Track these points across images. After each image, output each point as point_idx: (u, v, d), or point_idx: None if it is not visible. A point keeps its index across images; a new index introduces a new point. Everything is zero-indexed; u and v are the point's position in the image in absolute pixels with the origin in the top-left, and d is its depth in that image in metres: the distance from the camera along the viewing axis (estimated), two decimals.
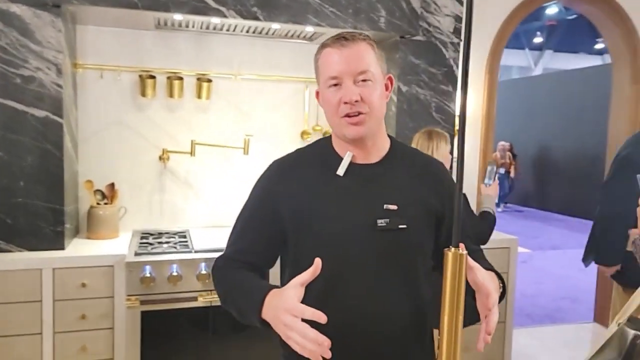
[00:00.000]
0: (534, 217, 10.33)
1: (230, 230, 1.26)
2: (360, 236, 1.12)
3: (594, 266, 2.82)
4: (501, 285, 1.13)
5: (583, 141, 10.06)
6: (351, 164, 1.16)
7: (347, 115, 1.11)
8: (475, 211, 2.59)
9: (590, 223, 2.77)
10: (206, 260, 2.39)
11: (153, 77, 2.82)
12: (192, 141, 2.87)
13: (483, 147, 3.60)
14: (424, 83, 3.22)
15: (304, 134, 3.12)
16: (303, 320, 0.94)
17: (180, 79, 2.86)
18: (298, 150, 1.27)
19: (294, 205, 1.15)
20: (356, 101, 1.10)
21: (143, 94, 2.81)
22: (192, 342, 2.40)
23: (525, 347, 3.68)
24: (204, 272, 2.37)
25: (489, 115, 3.59)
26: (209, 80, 2.90)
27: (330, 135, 1.23)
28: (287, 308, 0.95)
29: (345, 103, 1.10)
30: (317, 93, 1.20)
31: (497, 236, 2.95)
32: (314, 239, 1.14)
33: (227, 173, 3.03)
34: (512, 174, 10.62)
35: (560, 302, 4.88)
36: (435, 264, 1.21)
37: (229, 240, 1.24)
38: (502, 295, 1.11)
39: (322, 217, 1.13)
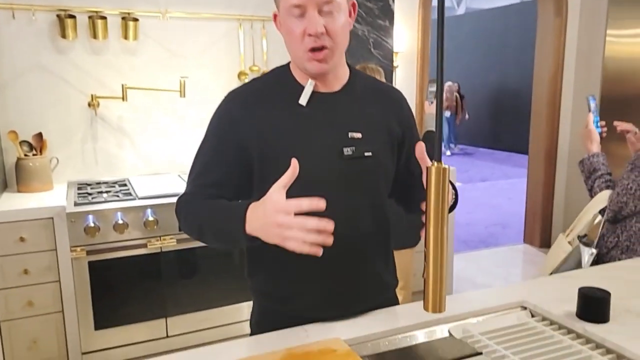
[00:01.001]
0: (463, 152, 10.82)
1: (172, 178, 1.20)
2: (327, 165, 1.12)
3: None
4: (454, 194, 1.16)
5: (506, 77, 10.51)
6: (313, 93, 1.14)
7: (312, 50, 1.08)
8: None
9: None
10: (152, 207, 2.32)
11: (72, 16, 2.60)
12: (122, 85, 2.71)
13: (419, 82, 3.66)
14: (361, 18, 3.20)
15: (241, 74, 3.03)
16: None
17: (103, 18, 2.66)
18: (254, 80, 1.22)
19: (257, 137, 1.12)
20: (321, 33, 1.06)
21: (63, 36, 2.60)
22: (145, 290, 2.37)
23: (463, 270, 3.93)
24: (150, 218, 2.31)
25: (424, 51, 3.63)
26: (135, 20, 2.72)
27: (287, 64, 1.20)
28: (279, 208, 0.93)
29: (310, 35, 1.06)
30: (275, 16, 1.14)
31: None
32: (280, 171, 1.12)
33: (163, 118, 2.91)
34: (459, 117, 10.44)
35: (492, 229, 5.22)
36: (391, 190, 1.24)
37: (189, 178, 1.19)
38: (454, 206, 1.15)
39: (287, 148, 1.11)
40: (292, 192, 1.09)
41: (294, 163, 0.96)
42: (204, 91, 2.95)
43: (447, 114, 10.23)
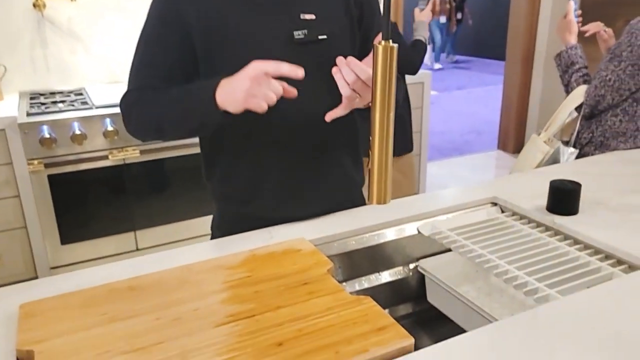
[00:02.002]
0: (441, 61, 10.61)
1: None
2: (277, 51, 1.02)
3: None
4: (405, 91, 1.08)
5: None
6: None
7: None
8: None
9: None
10: (111, 116, 2.19)
11: None
12: None
13: None
14: None
15: None
16: None
17: None
18: None
19: (199, 22, 1.01)
20: None
21: None
22: (110, 204, 2.30)
23: (435, 177, 3.95)
24: (110, 128, 2.19)
25: None
26: None
27: None
28: (258, 65, 0.89)
29: None
30: None
31: None
32: (228, 58, 1.02)
33: (118, 18, 2.68)
34: (453, 24, 9.43)
35: (467, 136, 5.22)
36: None
37: (132, 71, 1.08)
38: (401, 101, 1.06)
39: (234, 33, 1.01)
40: None
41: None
42: None
43: (442, 19, 9.39)
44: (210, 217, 1.24)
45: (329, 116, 0.99)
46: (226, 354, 0.67)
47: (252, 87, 0.89)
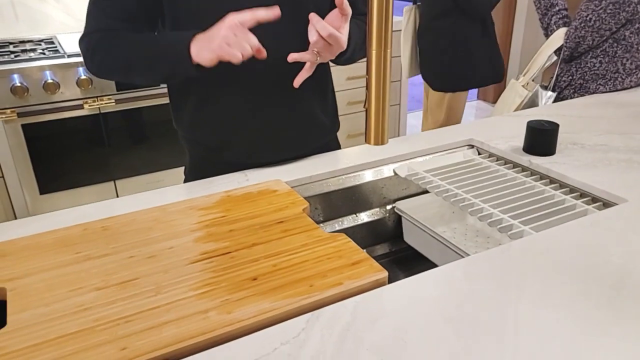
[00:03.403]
0: None
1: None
2: None
3: None
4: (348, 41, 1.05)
5: None
6: None
7: None
8: None
9: None
10: (84, 64, 2.12)
11: None
12: None
13: None
14: None
15: None
16: None
17: None
18: None
19: None
20: None
21: None
22: (88, 153, 2.26)
23: (415, 127, 3.95)
24: (83, 77, 2.12)
25: None
26: None
27: None
28: (234, 17, 0.88)
29: None
30: None
31: (397, 18, 2.89)
32: (194, 5, 0.98)
33: None
34: None
35: None
36: None
37: (91, 11, 1.02)
38: (345, 51, 1.02)
39: None
40: (210, 22, 0.96)
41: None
42: None
43: None
44: None
45: (297, 82, 0.98)
46: (201, 289, 0.67)
47: (228, 36, 0.87)
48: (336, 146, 1.25)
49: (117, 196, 2.33)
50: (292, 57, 0.96)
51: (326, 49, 0.94)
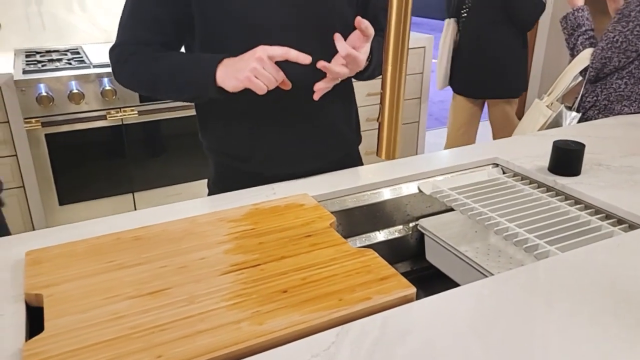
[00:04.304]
0: (440, 28, 10.45)
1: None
2: (275, 10, 1.00)
3: None
4: (369, 58, 1.07)
5: None
6: None
7: None
8: None
9: None
10: (109, 75, 2.16)
11: None
12: None
13: None
14: None
15: None
16: None
17: None
18: None
19: None
20: None
21: None
22: (109, 164, 2.29)
23: (434, 145, 3.95)
24: (108, 88, 2.16)
25: None
26: None
27: None
28: (266, 49, 0.92)
29: None
30: None
31: (412, 35, 2.91)
32: (224, 14, 1.01)
33: None
34: None
35: None
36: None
37: (122, 23, 1.05)
38: (367, 68, 1.06)
39: None
40: (239, 39, 0.99)
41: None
42: None
43: None
44: (207, 180, 1.24)
45: (316, 95, 1.00)
46: (232, 300, 0.68)
47: (256, 68, 0.90)
48: (358, 160, 1.26)
49: (135, 208, 2.35)
50: (317, 95, 1.00)
51: (343, 68, 0.97)
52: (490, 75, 2.51)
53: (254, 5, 1.00)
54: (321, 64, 0.96)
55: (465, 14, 2.52)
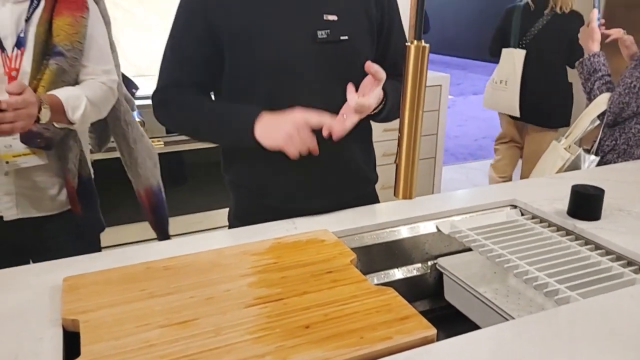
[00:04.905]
0: (456, 65, 10.59)
1: (157, 79, 1.15)
2: (300, 49, 1.06)
3: None
4: (383, 101, 1.11)
5: None
6: None
7: None
8: None
9: None
10: (138, 107, 2.24)
11: None
12: None
13: None
14: None
15: None
16: None
17: None
18: None
19: (226, 18, 1.06)
20: None
21: None
22: (132, 193, 2.34)
23: (450, 181, 3.97)
24: (137, 119, 2.23)
25: None
26: None
27: None
28: (303, 117, 0.98)
29: None
30: None
31: (428, 74, 2.96)
32: (253, 56, 1.07)
33: (146, 12, 2.74)
34: None
35: (482, 141, 5.22)
36: None
37: (163, 67, 1.14)
38: (381, 111, 1.10)
39: (260, 32, 1.06)
40: (264, 79, 1.04)
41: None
42: None
43: None
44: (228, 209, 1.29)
45: (336, 137, 1.02)
46: (257, 333, 0.70)
47: (292, 133, 0.97)
48: (375, 197, 1.29)
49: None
50: (336, 138, 1.02)
51: (353, 115, 1.03)
52: (558, 104, 2.78)
53: (282, 49, 1.05)
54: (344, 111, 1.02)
55: (525, 45, 2.77)
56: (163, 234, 1.60)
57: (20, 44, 1.19)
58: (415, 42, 0.76)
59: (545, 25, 2.70)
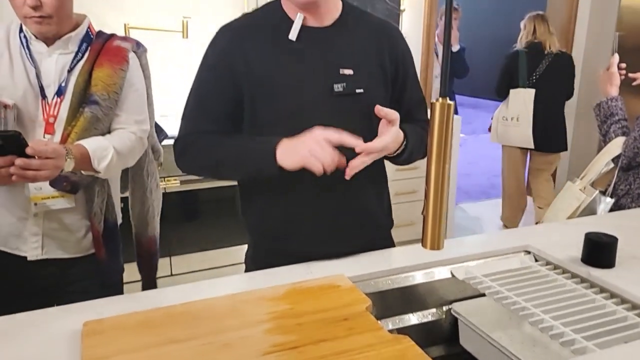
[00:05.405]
0: (467, 104, 10.68)
1: (173, 120, 1.19)
2: (317, 102, 1.11)
3: None
4: (404, 144, 1.14)
5: (514, 27, 10.17)
6: (304, 28, 1.12)
7: None
8: None
9: None
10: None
11: None
12: (125, 24, 2.63)
13: (426, 27, 3.54)
14: None
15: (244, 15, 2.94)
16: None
17: None
18: (246, 15, 1.20)
19: (247, 71, 1.11)
20: None
21: None
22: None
23: (463, 220, 3.95)
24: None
25: None
26: None
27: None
28: (325, 133, 1.00)
29: None
30: None
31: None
32: (272, 109, 1.12)
33: (165, 59, 2.83)
34: None
35: (494, 180, 5.20)
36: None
37: (185, 114, 1.18)
38: (403, 152, 1.13)
39: (279, 84, 1.11)
40: (282, 128, 1.08)
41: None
42: (205, 32, 2.85)
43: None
44: (242, 247, 1.30)
45: (348, 174, 1.04)
46: None
47: (314, 148, 0.99)
48: (390, 241, 1.30)
49: (171, 272, 2.41)
50: (348, 174, 1.05)
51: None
52: (560, 132, 3.31)
53: (299, 100, 1.10)
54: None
55: (532, 84, 3.20)
56: (150, 283, 1.60)
57: (60, 92, 1.24)
58: (441, 99, 0.79)
59: (548, 66, 3.17)
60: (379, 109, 1.03)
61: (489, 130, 3.65)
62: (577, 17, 3.98)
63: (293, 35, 1.11)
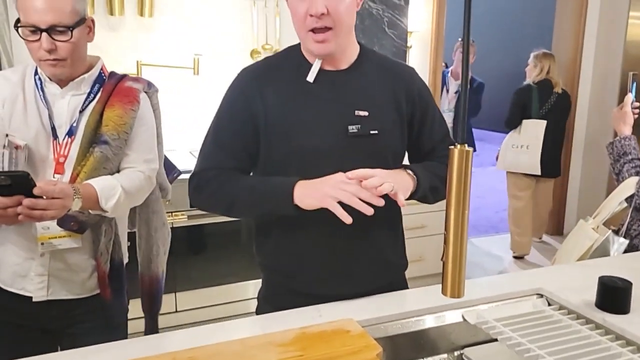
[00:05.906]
0: (475, 137, 10.70)
1: (182, 154, 1.21)
2: (332, 142, 1.13)
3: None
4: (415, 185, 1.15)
5: (521, 61, 10.27)
6: (322, 71, 1.15)
7: (313, 30, 1.08)
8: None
9: None
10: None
11: None
12: (137, 62, 2.69)
13: (432, 63, 3.59)
14: None
15: (253, 53, 3.00)
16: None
17: None
18: (267, 59, 1.25)
19: (265, 112, 1.14)
20: (322, 14, 1.06)
21: None
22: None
23: (472, 255, 3.91)
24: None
25: (438, 31, 3.53)
26: None
27: (299, 43, 1.19)
28: (345, 176, 1.03)
29: (311, 16, 1.06)
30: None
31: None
32: (287, 149, 1.14)
33: (177, 95, 2.88)
34: None
35: (503, 214, 5.16)
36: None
37: (203, 152, 1.20)
38: (415, 193, 1.16)
39: (295, 127, 1.13)
40: (296, 168, 1.10)
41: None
42: (216, 69, 2.91)
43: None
44: (248, 282, 1.30)
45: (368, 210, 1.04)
46: None
47: (332, 189, 1.01)
48: (403, 283, 1.29)
49: (176, 308, 2.39)
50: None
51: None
52: (559, 160, 3.80)
53: (315, 140, 1.12)
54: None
55: (544, 115, 3.59)
56: (153, 323, 1.58)
57: (71, 132, 1.26)
58: (459, 146, 0.79)
59: (555, 100, 3.60)
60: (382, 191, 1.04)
61: (497, 159, 3.85)
62: (582, 53, 4.03)
63: (311, 77, 1.14)
